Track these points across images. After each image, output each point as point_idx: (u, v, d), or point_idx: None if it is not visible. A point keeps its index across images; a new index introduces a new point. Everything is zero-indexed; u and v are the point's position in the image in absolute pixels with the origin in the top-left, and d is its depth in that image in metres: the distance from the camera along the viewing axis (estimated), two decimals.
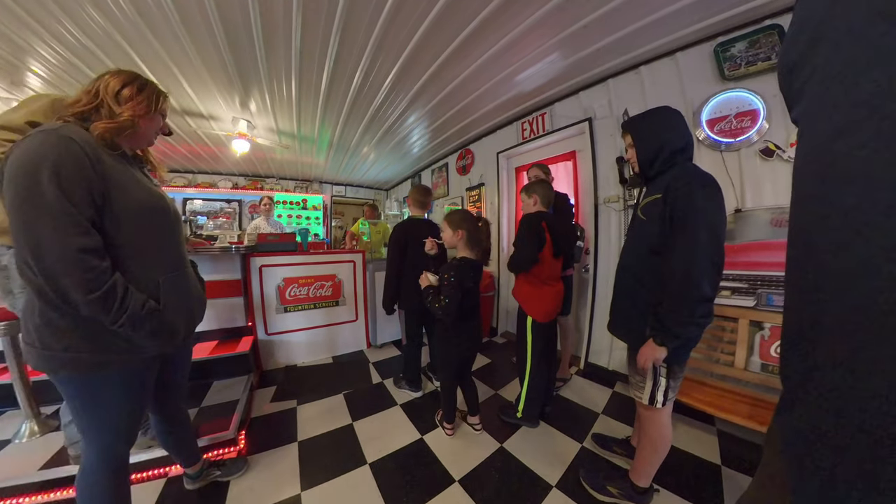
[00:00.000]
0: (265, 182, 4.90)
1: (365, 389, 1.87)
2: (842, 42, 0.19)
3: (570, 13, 1.47)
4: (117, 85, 0.69)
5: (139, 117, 0.70)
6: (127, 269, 0.65)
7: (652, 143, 0.91)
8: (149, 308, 0.65)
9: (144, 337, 0.66)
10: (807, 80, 0.24)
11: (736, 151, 1.51)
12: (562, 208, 1.72)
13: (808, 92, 0.23)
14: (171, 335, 0.73)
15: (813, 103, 0.23)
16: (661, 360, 0.85)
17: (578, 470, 1.18)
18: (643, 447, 1.00)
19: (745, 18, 1.43)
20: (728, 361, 1.44)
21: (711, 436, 1.39)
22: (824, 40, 0.21)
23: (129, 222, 0.65)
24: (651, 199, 0.88)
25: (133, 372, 0.71)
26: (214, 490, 1.10)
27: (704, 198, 0.78)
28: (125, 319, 0.61)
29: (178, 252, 0.79)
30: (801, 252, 0.24)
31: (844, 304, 0.19)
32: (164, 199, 0.76)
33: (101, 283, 0.58)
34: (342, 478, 1.17)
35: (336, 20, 1.51)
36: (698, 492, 1.08)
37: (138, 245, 0.68)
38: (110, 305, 0.59)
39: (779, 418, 0.27)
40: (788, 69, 0.27)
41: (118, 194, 0.63)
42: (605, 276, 2.06)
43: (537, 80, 2.08)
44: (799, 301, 0.25)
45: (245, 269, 2.06)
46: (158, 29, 1.57)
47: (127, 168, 0.69)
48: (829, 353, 0.20)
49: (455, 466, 1.22)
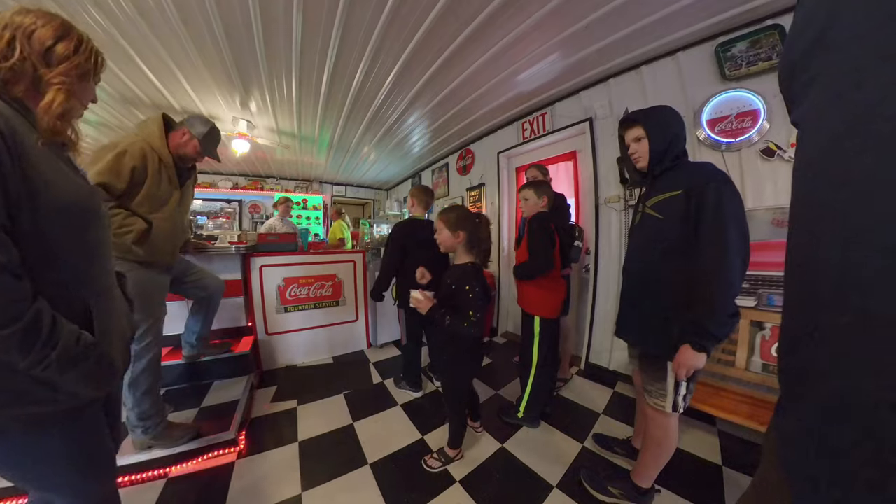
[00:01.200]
0: (265, 182, 4.90)
1: (365, 390, 1.87)
2: (845, 45, 0.19)
3: (572, 13, 1.47)
4: (48, 37, 0.49)
5: (73, 86, 0.51)
6: (50, 290, 0.46)
7: (666, 135, 0.88)
8: (85, 343, 0.48)
9: (76, 381, 0.48)
10: (808, 82, 0.23)
11: (737, 151, 1.51)
12: (561, 207, 1.73)
13: (810, 94, 0.23)
14: (111, 374, 0.54)
15: (814, 106, 0.23)
16: (702, 367, 0.79)
17: (579, 470, 1.18)
18: (648, 449, 0.99)
19: (745, 18, 1.43)
20: (729, 361, 1.44)
21: (712, 436, 1.39)
22: (827, 43, 0.21)
23: (53, 228, 0.47)
24: (667, 196, 0.85)
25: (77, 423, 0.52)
26: (215, 491, 1.10)
27: (731, 196, 0.76)
28: (53, 360, 0.44)
29: (109, 265, 0.61)
30: (800, 253, 0.24)
31: (843, 306, 0.19)
32: (94, 197, 0.56)
33: (20, 312, 0.41)
34: (343, 478, 1.17)
35: (337, 19, 1.51)
36: (699, 492, 1.07)
37: (65, 258, 0.49)
38: (32, 342, 0.42)
39: (776, 420, 0.27)
40: (790, 71, 0.27)
41: (41, 191, 0.45)
42: (606, 277, 2.06)
43: (538, 79, 2.08)
44: (798, 302, 0.25)
45: (245, 268, 2.06)
46: (159, 28, 1.57)
47: (51, 154, 0.49)
48: (828, 355, 0.20)
49: (456, 467, 1.22)
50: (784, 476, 0.24)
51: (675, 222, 0.83)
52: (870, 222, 0.17)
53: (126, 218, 1.03)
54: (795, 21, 0.26)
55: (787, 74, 0.27)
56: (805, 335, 0.23)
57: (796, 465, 0.23)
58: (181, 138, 1.14)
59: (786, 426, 0.25)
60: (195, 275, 1.47)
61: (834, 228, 0.20)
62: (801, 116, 0.25)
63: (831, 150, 0.20)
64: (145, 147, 1.05)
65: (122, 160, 1.01)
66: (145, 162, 1.05)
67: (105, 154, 1.00)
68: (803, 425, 0.23)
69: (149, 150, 1.06)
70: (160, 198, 1.10)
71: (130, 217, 1.04)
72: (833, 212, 0.20)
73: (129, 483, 1.11)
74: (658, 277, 0.89)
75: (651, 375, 0.93)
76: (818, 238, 0.21)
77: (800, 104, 0.26)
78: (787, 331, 0.26)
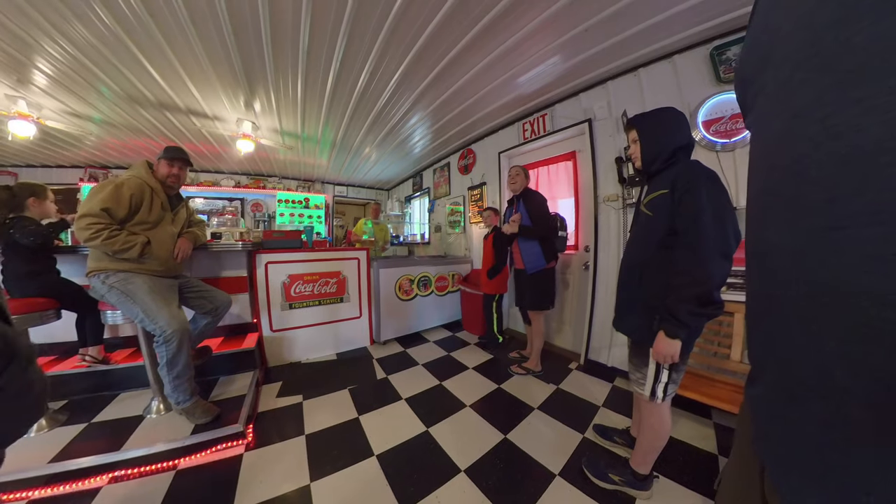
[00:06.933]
0: (267, 181, 4.91)
1: (369, 385, 1.89)
2: (782, 62, 0.24)
3: (571, 18, 1.52)
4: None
5: None
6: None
7: (656, 138, 0.94)
8: None
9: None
10: (756, 93, 0.28)
11: (731, 151, 1.55)
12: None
13: (758, 103, 0.28)
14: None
15: (761, 112, 0.27)
16: (679, 356, 0.84)
17: (580, 459, 1.21)
18: (644, 436, 1.03)
19: (740, 23, 1.48)
20: (724, 354, 1.49)
21: (708, 428, 1.43)
22: (769, 61, 0.25)
23: None
24: (657, 195, 0.91)
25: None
26: (225, 482, 1.12)
27: (711, 191, 0.80)
28: None
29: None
30: (755, 238, 0.28)
31: (791, 281, 0.23)
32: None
33: None
34: (350, 469, 1.19)
35: (345, 20, 1.54)
36: (696, 479, 1.11)
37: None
38: None
39: (747, 391, 0.31)
40: (742, 85, 0.32)
41: None
42: (605, 274, 2.10)
43: (538, 82, 2.13)
44: (756, 282, 0.28)
45: (251, 265, 2.08)
46: (167, 27, 1.59)
47: None
48: (783, 326, 0.24)
49: (461, 457, 1.25)
50: (755, 445, 0.27)
51: (663, 219, 0.89)
52: (808, 206, 0.21)
53: (128, 237, 1.28)
54: (746, 44, 0.31)
55: (741, 87, 0.32)
56: (763, 310, 0.26)
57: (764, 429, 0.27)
58: (157, 166, 1.43)
59: (753, 393, 0.29)
60: (202, 288, 1.58)
61: (780, 213, 0.24)
62: (752, 122, 0.30)
63: (774, 148, 0.24)
64: (139, 180, 1.33)
65: (121, 190, 1.26)
66: (141, 191, 1.32)
67: (106, 186, 1.26)
68: (767, 389, 0.26)
69: (142, 182, 1.34)
70: (153, 221, 1.36)
71: (131, 236, 1.29)
72: (779, 198, 0.24)
73: (138, 475, 1.13)
74: (645, 270, 0.95)
75: (634, 363, 0.99)
76: (768, 222, 0.25)
77: (751, 111, 0.30)
78: (750, 309, 0.30)
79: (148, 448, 1.18)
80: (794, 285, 0.22)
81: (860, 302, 0.17)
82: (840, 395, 0.19)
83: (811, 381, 0.21)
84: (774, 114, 0.25)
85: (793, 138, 0.22)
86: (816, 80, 0.20)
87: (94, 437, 1.28)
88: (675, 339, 0.83)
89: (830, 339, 0.19)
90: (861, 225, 0.17)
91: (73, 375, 1.58)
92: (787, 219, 0.23)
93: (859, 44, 0.17)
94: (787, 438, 0.23)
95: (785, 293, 0.23)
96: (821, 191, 0.19)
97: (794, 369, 0.23)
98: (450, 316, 3.11)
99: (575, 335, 2.36)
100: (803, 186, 0.21)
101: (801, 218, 0.21)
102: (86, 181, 3.78)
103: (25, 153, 3.46)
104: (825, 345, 0.20)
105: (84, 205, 1.22)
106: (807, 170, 0.20)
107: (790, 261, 0.23)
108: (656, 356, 0.88)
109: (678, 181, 0.86)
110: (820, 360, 0.20)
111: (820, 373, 0.20)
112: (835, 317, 0.19)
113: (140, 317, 1.29)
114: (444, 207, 4.01)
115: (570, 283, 2.44)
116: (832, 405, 0.20)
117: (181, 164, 1.45)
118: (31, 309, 1.34)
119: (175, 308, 1.36)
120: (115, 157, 3.77)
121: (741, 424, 0.36)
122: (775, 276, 0.24)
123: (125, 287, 1.28)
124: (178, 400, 1.33)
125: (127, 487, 1.09)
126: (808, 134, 0.20)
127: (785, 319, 0.23)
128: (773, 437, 0.25)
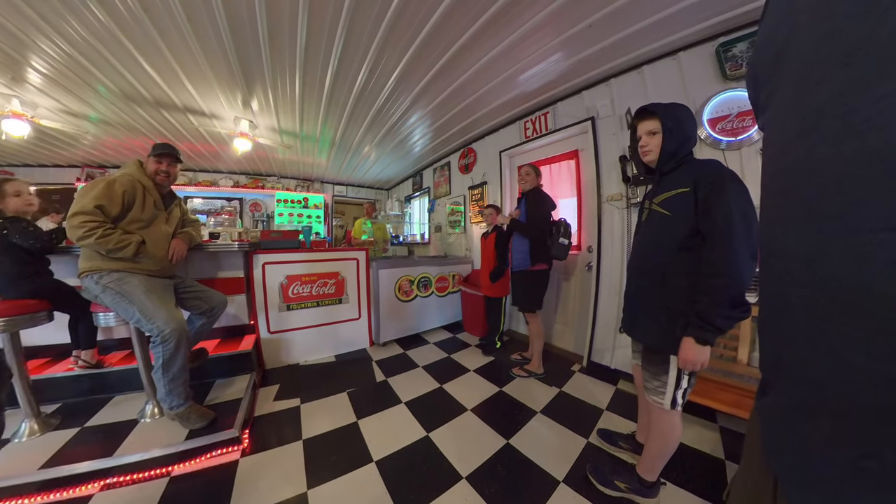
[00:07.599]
0: (266, 181, 4.88)
1: (368, 388, 1.86)
2: (799, 60, 0.22)
3: (574, 14, 1.49)
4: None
5: None
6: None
7: (680, 136, 0.89)
8: None
9: None
10: (771, 92, 0.27)
11: (737, 150, 1.52)
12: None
13: (773, 103, 0.27)
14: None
15: (777, 112, 0.26)
16: (707, 362, 0.80)
17: (585, 465, 1.18)
18: (653, 443, 0.99)
19: (746, 19, 1.45)
20: (731, 357, 1.46)
21: (714, 432, 1.40)
22: (785, 59, 0.24)
23: None
24: (675, 193, 0.86)
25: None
26: (219, 489, 1.09)
27: (737, 191, 0.77)
28: None
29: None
30: (770, 240, 0.27)
31: (807, 284, 0.21)
32: None
33: None
34: (349, 476, 1.16)
35: (342, 17, 1.51)
36: (704, 486, 1.08)
37: None
38: None
39: (758, 402, 0.30)
40: (755, 84, 0.30)
41: None
42: (608, 275, 2.07)
43: (540, 79, 2.10)
44: (770, 285, 0.27)
45: (248, 266, 2.05)
46: (163, 24, 1.57)
47: None
48: (798, 332, 0.23)
49: (462, 463, 1.22)
50: (765, 453, 0.26)
51: (684, 218, 0.84)
52: (826, 209, 0.20)
53: (122, 235, 1.25)
54: (758, 41, 0.29)
55: (754, 87, 0.31)
56: (776, 314, 0.25)
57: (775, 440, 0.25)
58: (146, 162, 1.40)
59: (764, 405, 0.28)
60: (197, 289, 1.56)
61: (797, 215, 0.22)
62: (766, 121, 0.28)
63: (791, 148, 0.23)
64: (131, 177, 1.31)
65: (113, 188, 1.23)
66: (133, 189, 1.29)
67: (98, 184, 1.23)
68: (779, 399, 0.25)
69: (134, 179, 1.31)
70: (146, 220, 1.34)
71: (126, 234, 1.26)
72: (795, 200, 0.23)
73: (131, 482, 1.10)
74: (665, 272, 0.89)
75: (652, 371, 0.93)
76: (785, 226, 0.24)
77: (765, 111, 0.29)
78: (763, 314, 0.28)
79: (141, 454, 1.15)
80: (809, 289, 0.21)
81: (882, 306, 0.16)
82: (856, 403, 0.18)
83: (826, 389, 0.20)
84: (791, 112, 0.23)
85: (810, 137, 0.21)
86: (836, 76, 0.18)
87: (87, 441, 1.25)
88: (706, 346, 0.79)
89: (847, 343, 0.18)
90: (886, 230, 0.16)
91: (66, 378, 1.55)
92: (805, 221, 0.22)
93: (883, 36, 0.15)
94: (801, 452, 0.22)
95: (800, 296, 0.22)
96: (841, 193, 0.18)
97: (808, 374, 0.22)
98: (450, 317, 3.08)
99: (577, 337, 2.33)
100: (822, 188, 0.20)
101: (819, 220, 0.20)
102: (83, 181, 3.75)
103: (21, 152, 3.43)
104: (841, 349, 0.19)
105: (76, 203, 1.19)
106: (826, 170, 0.19)
107: (806, 264, 0.21)
108: (684, 364, 0.82)
109: (701, 179, 0.82)
110: (835, 365, 0.19)
111: (835, 379, 0.19)
112: (853, 321, 0.18)
113: (136, 317, 1.25)
114: (444, 207, 3.98)
115: (572, 284, 2.41)
116: (847, 415, 0.19)
117: (170, 161, 1.40)
118: (22, 310, 1.31)
119: (172, 307, 1.33)
120: (112, 157, 3.74)
121: (751, 434, 0.35)
122: (791, 278, 0.23)
123: (120, 287, 1.25)
124: (171, 404, 1.29)
125: (119, 495, 1.06)
126: (828, 133, 0.19)
127: (799, 322, 0.22)
128: (786, 451, 0.24)
